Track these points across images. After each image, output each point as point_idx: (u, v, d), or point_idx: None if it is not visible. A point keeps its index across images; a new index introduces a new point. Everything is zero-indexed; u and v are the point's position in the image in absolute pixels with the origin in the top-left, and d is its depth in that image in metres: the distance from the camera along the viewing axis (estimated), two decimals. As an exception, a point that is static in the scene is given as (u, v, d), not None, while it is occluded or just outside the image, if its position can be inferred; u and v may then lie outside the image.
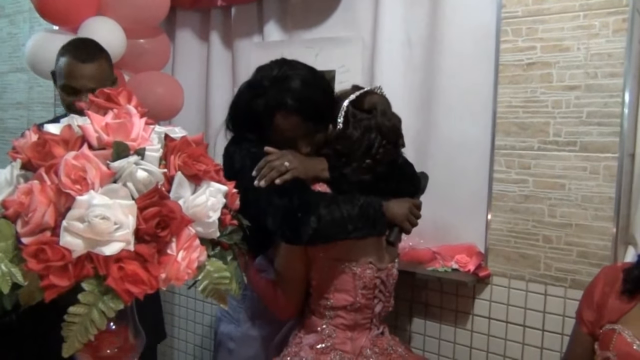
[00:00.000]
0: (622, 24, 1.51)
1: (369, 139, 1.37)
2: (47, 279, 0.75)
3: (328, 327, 1.41)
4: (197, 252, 0.86)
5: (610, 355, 1.18)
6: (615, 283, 1.25)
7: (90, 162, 0.78)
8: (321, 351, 1.39)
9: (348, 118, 1.39)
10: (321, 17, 2.18)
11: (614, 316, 1.22)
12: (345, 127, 1.39)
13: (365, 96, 1.42)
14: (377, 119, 1.38)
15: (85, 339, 0.77)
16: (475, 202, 1.80)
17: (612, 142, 1.55)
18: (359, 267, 1.41)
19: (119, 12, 2.04)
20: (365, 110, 1.40)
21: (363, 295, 1.41)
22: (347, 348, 1.40)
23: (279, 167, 1.32)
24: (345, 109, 1.39)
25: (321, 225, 1.27)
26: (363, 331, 1.43)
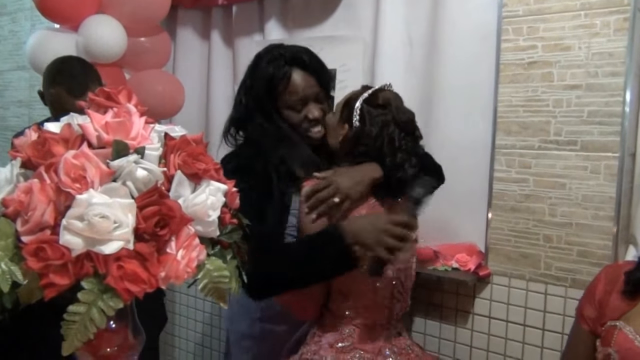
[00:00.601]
0: (623, 23, 1.51)
1: (389, 134, 1.36)
2: (46, 277, 0.75)
3: (348, 326, 1.39)
4: (196, 251, 0.86)
5: (611, 352, 1.18)
6: (616, 282, 1.24)
7: (90, 160, 0.78)
8: (341, 350, 1.38)
9: (364, 116, 1.38)
10: (322, 16, 2.18)
11: (616, 314, 1.21)
12: (362, 125, 1.37)
13: (378, 93, 1.42)
14: (392, 113, 1.38)
15: (84, 338, 0.77)
16: (476, 201, 1.80)
17: (613, 142, 1.55)
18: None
19: (120, 10, 2.04)
20: (380, 106, 1.39)
21: (383, 296, 1.41)
22: (367, 347, 1.39)
23: (330, 204, 1.29)
24: (360, 107, 1.39)
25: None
26: (382, 331, 1.42)
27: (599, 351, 1.23)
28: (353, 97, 1.44)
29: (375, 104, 1.39)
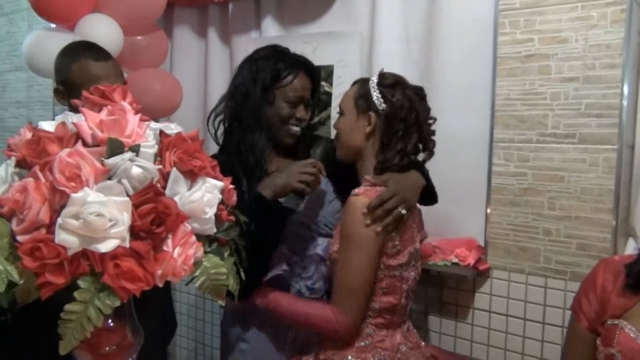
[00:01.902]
0: (621, 14, 1.51)
1: (418, 103, 1.41)
2: (42, 276, 0.75)
3: (368, 326, 1.38)
4: (193, 249, 0.86)
5: (614, 352, 1.16)
6: (617, 279, 1.22)
7: (84, 159, 0.78)
8: (362, 349, 1.37)
9: (387, 96, 1.39)
10: (318, 12, 2.18)
11: (617, 311, 1.19)
12: (389, 103, 1.38)
13: (384, 75, 1.44)
14: (407, 87, 1.42)
15: (81, 336, 0.77)
16: (475, 196, 1.79)
17: (611, 134, 1.54)
18: (405, 270, 1.39)
19: (116, 9, 2.03)
20: (393, 84, 1.41)
21: (406, 297, 1.41)
22: (387, 345, 1.39)
23: (396, 215, 1.29)
24: (379, 90, 1.40)
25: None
26: (397, 328, 1.42)
27: (600, 351, 1.20)
28: (361, 88, 1.43)
29: (388, 84, 1.41)
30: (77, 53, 1.61)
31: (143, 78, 2.18)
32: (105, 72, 1.57)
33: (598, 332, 1.23)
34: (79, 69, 1.57)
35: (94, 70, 1.55)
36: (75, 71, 1.57)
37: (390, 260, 1.33)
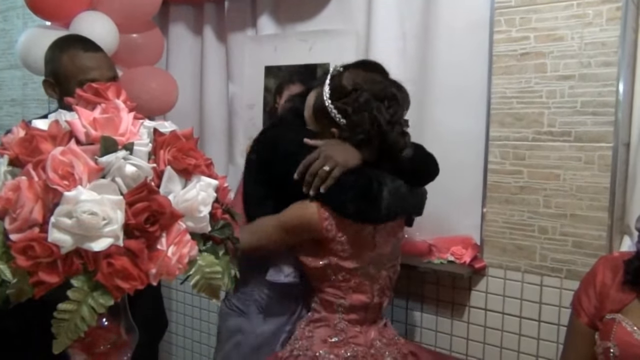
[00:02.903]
0: (616, 12, 1.51)
1: (376, 109, 1.33)
2: (36, 275, 0.75)
3: (341, 322, 1.41)
4: (187, 247, 0.86)
5: (610, 346, 1.18)
6: (616, 274, 1.23)
7: (77, 157, 0.78)
8: (335, 345, 1.39)
9: (344, 110, 1.34)
10: (315, 10, 2.17)
11: (616, 306, 1.21)
12: (348, 118, 1.34)
13: (339, 81, 1.36)
14: (365, 90, 1.34)
15: (75, 336, 0.76)
16: (471, 194, 1.79)
17: (606, 132, 1.55)
18: (376, 269, 1.41)
19: (111, 7, 2.02)
20: (351, 91, 1.35)
21: (377, 296, 1.43)
22: (360, 341, 1.41)
23: (321, 173, 1.30)
24: (332, 105, 1.35)
25: (391, 201, 1.30)
26: (371, 324, 1.44)
27: (598, 345, 1.22)
28: (318, 101, 1.38)
29: (345, 92, 1.35)
30: (66, 44, 1.61)
31: (139, 76, 2.17)
32: (94, 63, 1.57)
33: (597, 327, 1.24)
34: (69, 59, 1.57)
35: (84, 61, 1.55)
36: (65, 62, 1.57)
37: (344, 262, 1.36)
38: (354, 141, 1.35)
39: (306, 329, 1.44)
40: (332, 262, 1.37)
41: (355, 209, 1.31)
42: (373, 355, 1.40)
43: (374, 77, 1.38)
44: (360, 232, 1.36)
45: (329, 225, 1.33)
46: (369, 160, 1.37)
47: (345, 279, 1.39)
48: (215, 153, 2.49)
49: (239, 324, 1.56)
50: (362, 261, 1.38)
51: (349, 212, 1.31)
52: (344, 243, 1.36)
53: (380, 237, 1.40)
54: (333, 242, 1.35)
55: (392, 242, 1.44)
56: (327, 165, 1.30)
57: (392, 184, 1.33)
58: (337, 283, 1.39)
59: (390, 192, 1.31)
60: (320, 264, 1.38)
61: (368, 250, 1.39)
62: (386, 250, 1.42)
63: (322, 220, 1.33)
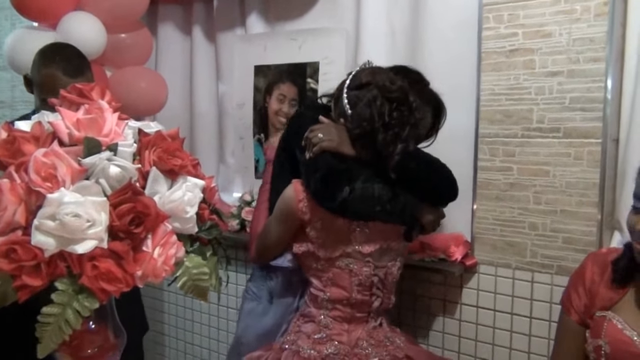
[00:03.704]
0: (604, 7, 1.51)
1: (378, 108, 1.34)
2: (19, 279, 0.74)
3: (325, 318, 1.44)
4: (174, 249, 0.85)
5: (602, 343, 1.18)
6: (604, 271, 1.23)
7: (60, 158, 0.77)
8: (318, 341, 1.42)
9: (352, 101, 1.39)
10: (304, 9, 2.17)
11: (606, 304, 1.21)
12: (353, 110, 1.38)
13: (360, 74, 1.41)
14: (378, 87, 1.35)
15: (60, 339, 0.76)
16: (461, 191, 1.77)
17: (595, 128, 1.55)
18: (355, 265, 1.42)
19: (99, 7, 2.01)
20: (364, 85, 1.38)
21: (359, 292, 1.43)
22: (343, 339, 1.42)
23: (314, 138, 1.39)
24: (346, 95, 1.40)
25: (350, 198, 1.32)
26: (360, 324, 1.45)
27: (589, 342, 1.22)
28: (338, 91, 1.44)
29: (359, 85, 1.39)
30: (50, 60, 1.64)
31: (128, 76, 2.16)
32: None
33: (588, 325, 1.24)
34: (47, 76, 1.61)
35: (59, 84, 1.57)
36: (43, 76, 1.62)
37: (318, 250, 1.42)
38: (352, 135, 1.39)
39: (297, 323, 1.49)
40: (309, 249, 1.43)
41: (314, 189, 1.37)
42: (357, 354, 1.41)
43: (394, 78, 1.39)
44: (333, 222, 1.39)
45: (304, 207, 1.40)
46: (362, 157, 1.39)
47: (324, 269, 1.43)
48: (206, 153, 2.48)
49: (252, 307, 1.65)
50: (335, 252, 1.41)
51: (310, 189, 1.38)
52: (318, 230, 1.41)
53: (359, 235, 1.40)
54: (309, 226, 1.41)
55: (380, 245, 1.43)
56: (322, 135, 1.37)
57: (362, 184, 1.33)
58: (318, 273, 1.44)
59: (352, 190, 1.32)
60: (301, 250, 1.45)
61: (342, 243, 1.41)
62: (367, 250, 1.41)
63: (298, 200, 1.40)
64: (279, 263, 1.54)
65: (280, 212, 1.45)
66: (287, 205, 1.43)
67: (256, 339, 1.59)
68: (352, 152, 1.39)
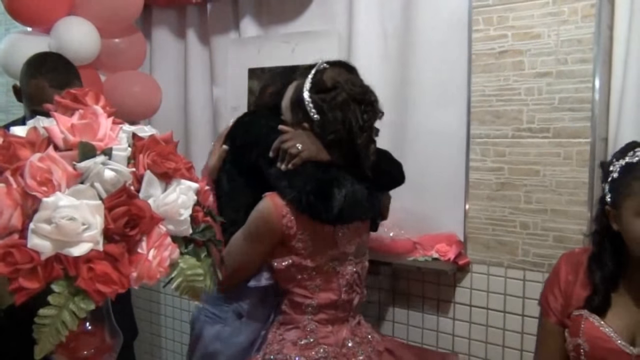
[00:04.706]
0: (591, 9, 1.53)
1: (352, 112, 1.34)
2: (16, 282, 0.75)
3: (310, 322, 1.41)
4: (168, 250, 0.86)
5: (580, 342, 1.19)
6: (578, 271, 1.25)
7: (56, 163, 0.78)
8: (305, 346, 1.39)
9: (319, 105, 1.36)
10: (296, 12, 2.19)
11: (581, 303, 1.22)
12: (322, 115, 1.36)
13: (321, 76, 1.38)
14: (345, 90, 1.35)
15: (56, 341, 0.77)
16: (453, 192, 1.81)
17: (584, 127, 1.57)
18: (341, 266, 1.42)
19: (92, 12, 2.02)
20: (330, 88, 1.36)
21: (345, 292, 1.43)
22: (331, 341, 1.41)
23: (291, 149, 1.33)
24: (310, 99, 1.36)
25: (345, 204, 1.31)
26: (343, 323, 1.45)
27: (568, 342, 1.24)
28: (296, 94, 1.40)
29: (325, 88, 1.36)
30: (38, 71, 1.64)
31: (122, 80, 2.17)
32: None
33: (566, 325, 1.26)
34: (35, 86, 1.61)
35: (46, 95, 1.57)
36: (31, 86, 1.62)
37: (305, 261, 1.38)
38: (324, 140, 1.37)
39: (277, 332, 1.44)
40: (294, 261, 1.38)
41: (308, 203, 1.31)
42: (345, 354, 1.41)
43: (355, 79, 1.40)
44: (320, 230, 1.37)
45: (289, 222, 1.34)
46: (335, 162, 1.38)
47: (311, 277, 1.40)
48: (201, 156, 2.48)
49: (217, 331, 1.55)
50: (324, 259, 1.39)
51: (303, 205, 1.32)
52: (305, 241, 1.36)
53: (342, 237, 1.41)
54: (294, 239, 1.36)
55: (357, 242, 1.45)
56: (300, 145, 1.33)
57: (350, 188, 1.33)
58: (304, 282, 1.40)
59: (345, 195, 1.31)
60: (283, 265, 1.39)
61: (329, 248, 1.40)
62: (350, 249, 1.43)
63: (281, 216, 1.34)
64: (256, 283, 1.46)
65: (257, 231, 1.36)
66: (266, 222, 1.35)
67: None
68: (328, 158, 1.37)
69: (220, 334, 1.54)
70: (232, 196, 1.47)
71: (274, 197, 1.35)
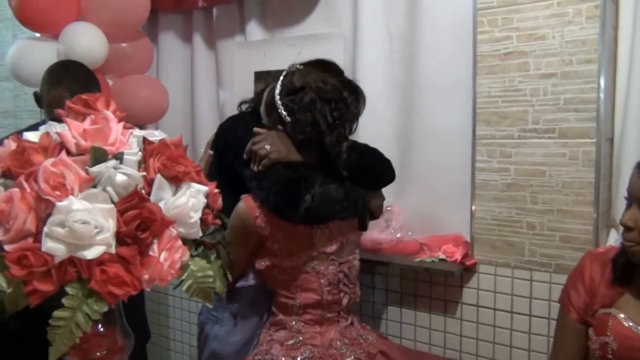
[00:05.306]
0: (595, 10, 1.54)
1: (319, 111, 1.35)
2: (30, 284, 0.77)
3: (297, 323, 1.43)
4: (179, 253, 0.88)
5: (608, 340, 1.18)
6: (604, 270, 1.24)
7: (68, 168, 0.80)
8: (291, 347, 1.41)
9: (289, 107, 1.38)
10: (302, 15, 2.20)
11: (607, 302, 1.22)
12: (292, 116, 1.38)
13: (291, 78, 1.40)
14: (312, 90, 1.37)
15: (70, 342, 0.78)
16: (459, 192, 1.82)
17: (589, 128, 1.57)
18: (321, 265, 1.43)
19: (100, 17, 2.04)
20: (300, 89, 1.38)
21: (329, 292, 1.44)
22: (317, 342, 1.43)
23: (260, 150, 1.37)
24: (281, 102, 1.39)
25: (314, 204, 1.32)
26: (332, 324, 1.46)
27: (593, 340, 1.23)
28: (269, 97, 1.43)
29: (293, 89, 1.38)
30: (59, 80, 1.68)
31: (129, 85, 2.19)
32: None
33: (587, 322, 1.25)
34: (54, 96, 1.64)
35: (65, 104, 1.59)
36: (51, 95, 1.66)
37: (283, 261, 1.41)
38: (295, 141, 1.39)
39: (267, 332, 1.47)
40: (273, 262, 1.41)
41: (275, 203, 1.34)
42: (332, 355, 1.41)
43: (325, 77, 1.40)
44: (294, 230, 1.38)
45: (262, 222, 1.37)
46: (308, 161, 1.40)
47: (292, 277, 1.42)
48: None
49: (215, 331, 1.59)
50: (302, 259, 1.41)
51: (270, 205, 1.35)
52: (280, 241, 1.40)
53: (321, 237, 1.42)
54: (270, 240, 1.40)
55: (340, 241, 1.46)
56: (268, 146, 1.36)
57: (320, 188, 1.34)
58: (285, 283, 1.43)
59: (314, 196, 1.33)
60: (263, 265, 1.43)
61: (306, 248, 1.41)
62: (329, 249, 1.43)
63: (254, 217, 1.38)
64: (242, 284, 1.51)
65: (235, 233, 1.36)
66: (242, 223, 1.39)
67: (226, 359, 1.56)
68: (300, 159, 1.39)
69: (217, 335, 1.58)
70: None
71: (248, 199, 1.40)
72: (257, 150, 1.38)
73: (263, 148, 1.37)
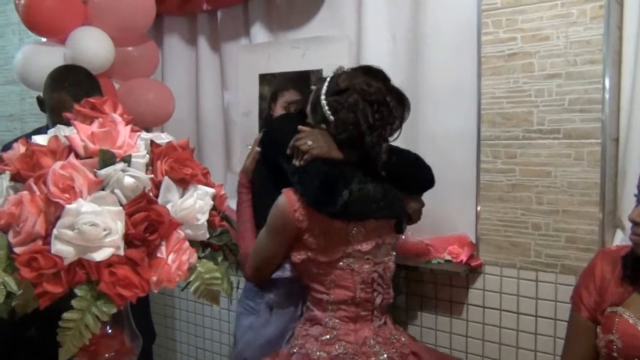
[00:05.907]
0: (599, 10, 1.54)
1: (361, 111, 1.39)
2: (40, 286, 0.78)
3: (331, 319, 1.46)
4: (187, 254, 0.89)
5: (614, 339, 1.19)
6: (615, 268, 1.25)
7: (77, 171, 0.81)
8: (326, 342, 1.44)
9: (334, 107, 1.42)
10: (306, 17, 2.21)
11: (616, 300, 1.22)
12: (336, 116, 1.42)
13: (337, 80, 1.44)
14: (356, 91, 1.40)
15: (80, 343, 0.79)
16: (465, 193, 1.82)
17: (594, 128, 1.57)
18: (356, 264, 1.45)
19: (106, 22, 2.05)
20: (343, 90, 1.41)
21: (362, 290, 1.46)
22: (351, 339, 1.45)
23: (302, 146, 1.42)
24: (325, 102, 1.43)
25: (351, 200, 1.36)
26: (365, 322, 1.48)
27: (600, 338, 1.23)
28: (315, 97, 1.47)
29: (338, 90, 1.42)
30: (61, 85, 1.69)
31: (135, 88, 2.20)
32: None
33: (598, 321, 1.26)
34: (57, 100, 1.66)
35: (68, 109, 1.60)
36: (54, 99, 1.68)
37: (318, 255, 1.44)
38: (337, 140, 1.43)
39: (303, 327, 1.51)
40: (309, 256, 1.45)
41: (313, 197, 1.39)
42: (365, 352, 1.43)
43: (369, 80, 1.43)
44: (330, 225, 1.42)
45: (300, 216, 1.41)
46: (350, 159, 1.43)
47: (326, 272, 1.45)
48: (213, 161, 2.52)
49: (250, 322, 1.65)
50: (336, 255, 1.44)
51: (309, 198, 1.39)
52: (317, 236, 1.43)
53: (356, 234, 1.44)
54: (307, 233, 1.43)
55: (376, 242, 1.47)
56: (310, 142, 1.41)
57: (358, 186, 1.39)
58: (319, 277, 1.46)
59: (352, 192, 1.37)
60: (299, 258, 1.46)
61: (341, 245, 1.44)
62: (365, 248, 1.45)
63: (293, 210, 1.41)
64: (279, 275, 1.56)
65: (275, 225, 1.45)
66: (281, 216, 1.44)
67: (259, 350, 1.60)
68: (341, 156, 1.43)
69: (252, 324, 1.65)
70: (263, 194, 1.58)
71: (288, 192, 1.44)
72: (299, 146, 1.43)
73: (305, 144, 1.42)
